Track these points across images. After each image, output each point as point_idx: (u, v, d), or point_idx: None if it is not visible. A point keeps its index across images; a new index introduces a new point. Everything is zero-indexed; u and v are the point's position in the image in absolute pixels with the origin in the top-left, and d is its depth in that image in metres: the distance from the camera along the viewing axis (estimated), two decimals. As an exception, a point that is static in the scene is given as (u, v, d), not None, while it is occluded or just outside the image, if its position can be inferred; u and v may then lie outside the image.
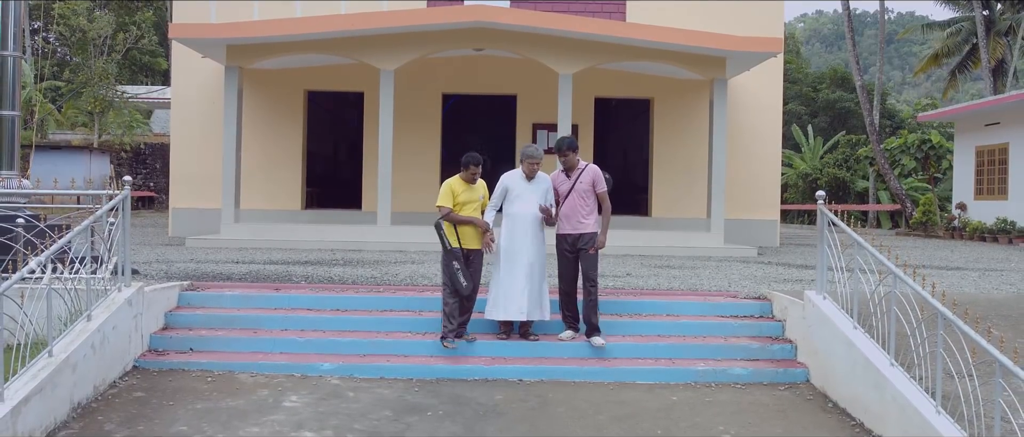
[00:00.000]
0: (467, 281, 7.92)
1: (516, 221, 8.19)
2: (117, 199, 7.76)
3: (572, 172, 8.26)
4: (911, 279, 6.59)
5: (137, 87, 35.98)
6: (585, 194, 8.17)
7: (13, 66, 9.66)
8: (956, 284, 10.91)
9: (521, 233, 8.16)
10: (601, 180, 8.23)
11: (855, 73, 29.25)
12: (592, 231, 8.13)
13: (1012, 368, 5.09)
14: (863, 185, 34.52)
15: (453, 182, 8.16)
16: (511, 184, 8.25)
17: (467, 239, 8.13)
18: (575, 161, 8.27)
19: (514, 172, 8.33)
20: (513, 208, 8.23)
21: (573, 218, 8.16)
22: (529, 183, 8.23)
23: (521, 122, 18.73)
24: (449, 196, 8.08)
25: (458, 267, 7.91)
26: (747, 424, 6.84)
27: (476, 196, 8.17)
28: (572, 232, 8.17)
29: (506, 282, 8.12)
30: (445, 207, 8.06)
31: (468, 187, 8.15)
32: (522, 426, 6.65)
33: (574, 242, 8.16)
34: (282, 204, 18.35)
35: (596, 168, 8.28)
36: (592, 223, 8.15)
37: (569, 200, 8.19)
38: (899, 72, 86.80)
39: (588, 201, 8.18)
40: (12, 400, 5.68)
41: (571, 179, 8.23)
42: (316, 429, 6.44)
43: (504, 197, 8.28)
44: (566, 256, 8.23)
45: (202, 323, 8.63)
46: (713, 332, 8.73)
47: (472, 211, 8.12)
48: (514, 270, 8.10)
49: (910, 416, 6.06)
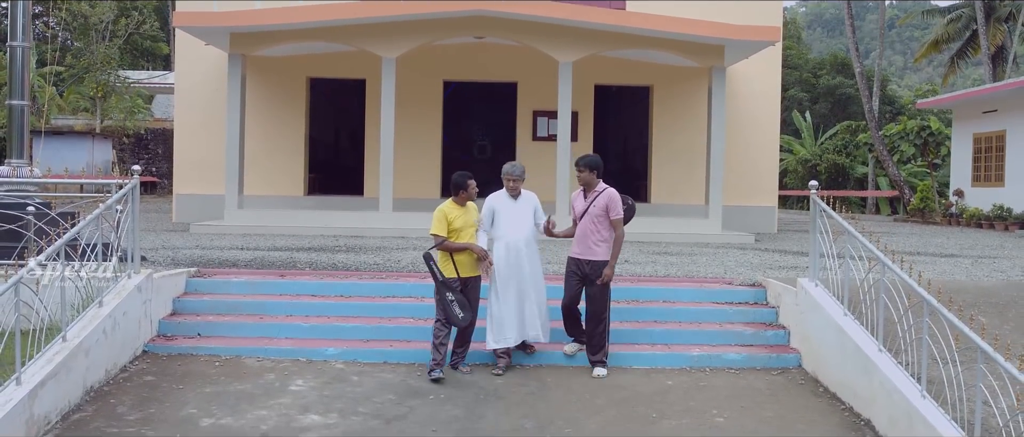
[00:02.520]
0: (465, 312, 7.56)
1: (504, 245, 7.79)
2: (127, 189, 7.95)
3: (590, 192, 7.89)
4: (899, 267, 6.78)
5: (139, 72, 36.10)
6: (598, 219, 7.76)
7: (23, 56, 9.84)
8: (948, 271, 11.10)
9: (511, 257, 7.76)
10: (617, 206, 7.80)
11: (855, 60, 29.36)
12: (602, 259, 7.73)
13: (992, 354, 5.29)
14: (862, 171, 34.67)
15: (446, 208, 7.73)
16: (497, 206, 7.88)
17: (464, 267, 7.73)
18: (594, 181, 7.88)
19: (499, 193, 7.97)
20: (500, 231, 7.84)
21: (584, 242, 7.80)
22: (515, 202, 7.89)
23: (522, 109, 18.89)
24: (442, 224, 7.65)
25: (452, 298, 7.55)
26: (740, 407, 7.05)
27: (471, 219, 7.78)
28: (581, 257, 7.79)
29: (497, 309, 7.75)
30: (439, 236, 7.65)
31: (462, 211, 7.76)
32: (521, 409, 6.86)
33: (582, 267, 7.79)
34: (285, 190, 18.53)
35: (614, 193, 7.86)
36: (603, 251, 7.76)
37: (583, 222, 7.83)
38: (901, 57, 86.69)
39: (601, 227, 7.77)
40: (29, 384, 5.90)
41: (587, 200, 7.86)
42: (322, 412, 6.65)
43: (492, 220, 7.89)
44: (573, 276, 7.89)
45: (209, 309, 8.84)
46: (708, 318, 8.93)
47: (469, 237, 7.73)
48: (506, 296, 7.73)
49: (897, 400, 6.26)
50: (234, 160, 15.85)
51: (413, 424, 6.45)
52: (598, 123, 19.20)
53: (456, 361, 7.86)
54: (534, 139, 18.79)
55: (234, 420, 6.42)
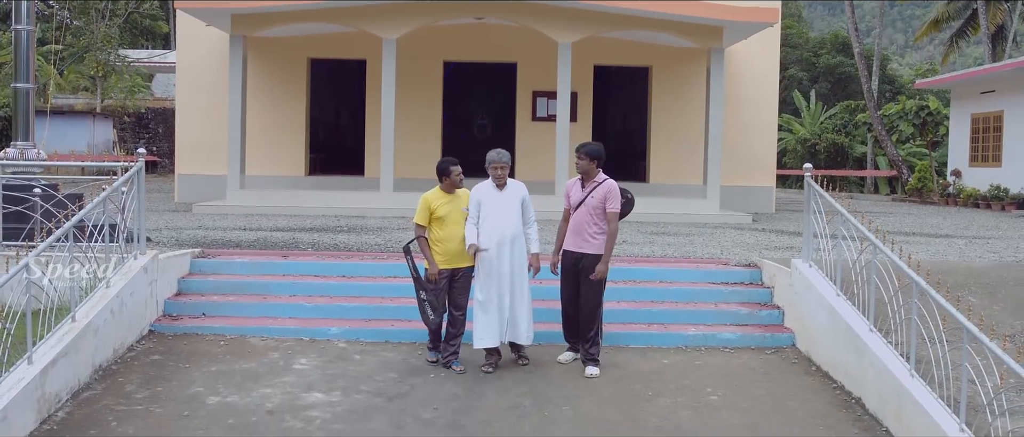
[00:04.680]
0: (435, 314, 7.34)
1: (490, 239, 7.33)
2: (132, 171, 8.08)
3: (588, 183, 7.50)
4: (889, 249, 6.92)
5: (138, 51, 36.10)
6: (595, 211, 7.38)
7: (27, 40, 9.91)
8: (942, 252, 11.25)
9: (496, 253, 7.32)
10: (615, 199, 7.41)
11: (854, 40, 29.38)
12: (597, 253, 7.37)
13: (977, 334, 5.43)
14: (862, 151, 34.73)
15: (430, 196, 7.42)
16: (483, 197, 7.41)
17: (454, 258, 7.39)
18: (593, 171, 7.49)
19: (484, 184, 7.51)
20: (486, 225, 7.37)
21: (579, 234, 7.43)
22: (501, 193, 7.43)
23: (521, 89, 18.96)
24: (425, 212, 7.38)
25: (425, 298, 7.33)
26: (734, 386, 7.22)
27: (458, 207, 7.39)
28: (576, 250, 7.45)
29: (485, 305, 7.37)
30: (421, 226, 7.42)
31: (448, 198, 7.41)
32: (520, 387, 7.03)
33: (577, 261, 7.44)
34: (286, 170, 18.65)
35: (613, 185, 7.47)
36: (598, 244, 7.38)
37: (578, 213, 7.46)
38: (902, 35, 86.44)
39: (597, 219, 7.39)
40: (40, 363, 6.05)
41: (585, 190, 7.47)
42: (325, 390, 6.82)
43: (478, 213, 7.42)
44: (568, 274, 7.55)
45: (214, 289, 8.99)
46: (704, 298, 9.08)
47: (453, 224, 7.34)
48: (490, 294, 7.34)
49: (886, 379, 6.43)
50: (236, 141, 15.97)
51: (414, 402, 6.62)
52: (597, 103, 19.29)
53: (449, 361, 7.46)
54: (533, 119, 18.88)
55: (240, 398, 6.59)
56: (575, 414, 6.50)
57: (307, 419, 6.22)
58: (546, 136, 16.95)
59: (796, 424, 6.43)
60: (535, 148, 18.10)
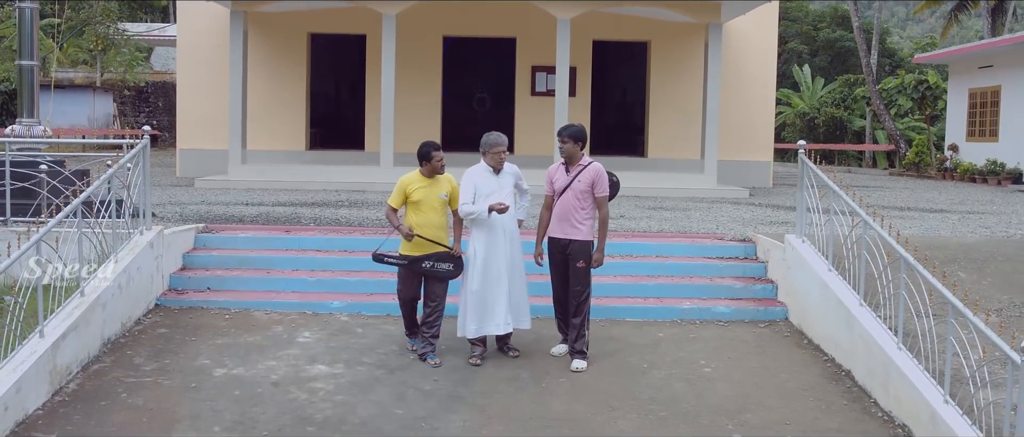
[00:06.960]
0: (403, 286, 7.21)
1: (487, 224, 7.07)
2: (137, 148, 8.22)
3: (572, 167, 7.16)
4: (879, 224, 7.08)
5: (137, 25, 36.02)
6: (582, 195, 7.07)
7: (31, 17, 10.01)
8: (935, 227, 11.40)
9: (494, 238, 7.07)
10: (603, 183, 7.11)
11: (853, 15, 29.39)
12: (586, 239, 7.09)
13: (962, 309, 5.60)
14: (860, 125, 34.80)
15: (408, 178, 7.13)
16: (479, 181, 7.09)
17: (424, 245, 7.03)
18: (577, 154, 7.16)
19: (478, 167, 7.18)
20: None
21: (566, 221, 7.10)
22: (497, 177, 7.13)
23: (520, 64, 19.01)
24: (400, 195, 7.09)
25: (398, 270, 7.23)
26: (727, 358, 7.40)
27: (436, 193, 7.07)
28: (563, 237, 7.12)
29: (481, 294, 7.06)
30: (392, 209, 7.14)
31: (427, 182, 7.08)
32: (518, 360, 7.20)
33: (565, 248, 7.13)
34: (287, 144, 18.75)
35: (599, 168, 7.15)
36: (587, 230, 7.10)
37: (564, 198, 7.12)
38: (903, 7, 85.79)
39: (585, 204, 7.08)
40: (51, 336, 6.22)
41: (570, 175, 7.12)
42: (329, 362, 7.00)
43: (473, 199, 7.07)
44: (556, 262, 7.27)
45: (218, 264, 9.15)
46: (699, 273, 9.25)
47: (429, 210, 7.03)
48: (489, 279, 7.05)
49: (875, 352, 6.61)
50: (237, 115, 16.07)
51: (415, 374, 6.80)
52: (596, 78, 19.35)
53: (425, 352, 7.13)
54: (532, 94, 18.95)
55: (245, 370, 6.77)
56: (572, 386, 6.69)
57: (311, 390, 6.40)
58: (545, 111, 17.03)
59: (787, 395, 6.62)
60: (534, 123, 18.20)
